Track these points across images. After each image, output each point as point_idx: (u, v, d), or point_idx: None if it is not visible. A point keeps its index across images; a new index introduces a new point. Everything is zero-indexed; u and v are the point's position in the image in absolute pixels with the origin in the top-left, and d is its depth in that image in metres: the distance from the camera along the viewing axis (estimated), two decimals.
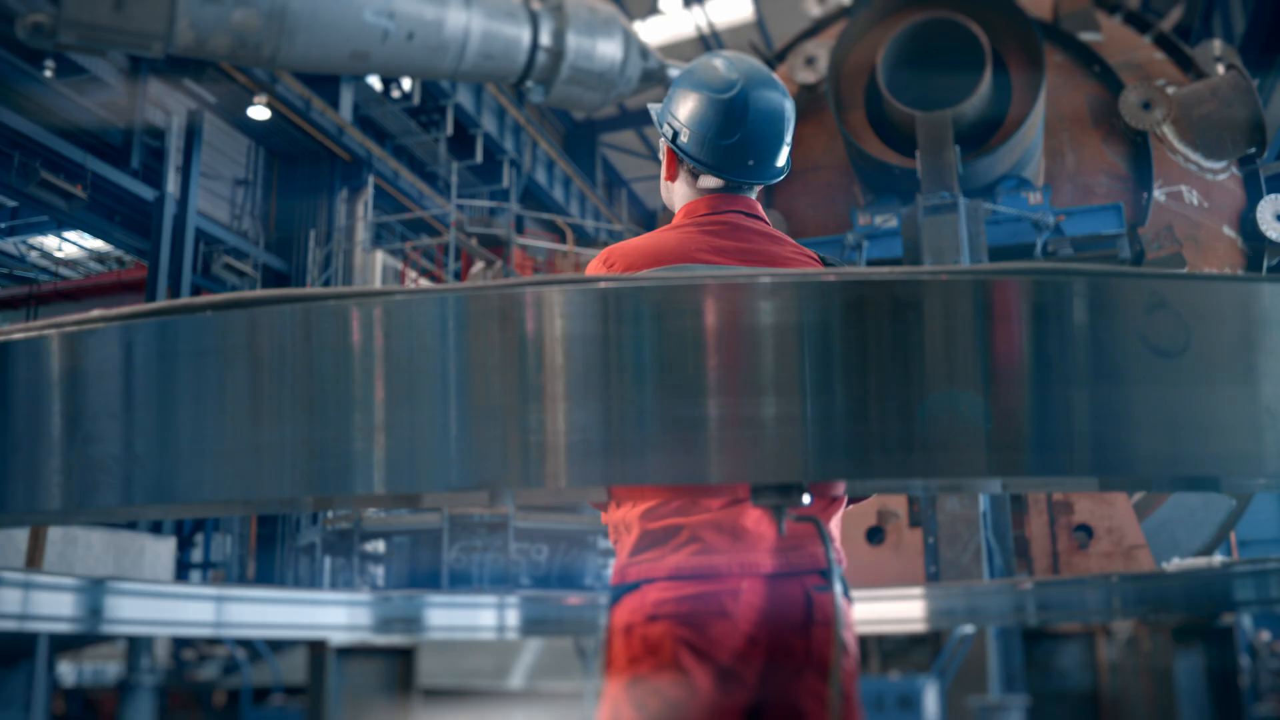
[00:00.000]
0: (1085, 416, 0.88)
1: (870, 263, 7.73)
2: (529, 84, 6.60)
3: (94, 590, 3.42)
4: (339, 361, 0.96)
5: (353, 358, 0.96)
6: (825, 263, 2.31)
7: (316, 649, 4.57)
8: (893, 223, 7.72)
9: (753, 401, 0.89)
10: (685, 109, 2.28)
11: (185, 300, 0.97)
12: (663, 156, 2.41)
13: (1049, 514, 6.75)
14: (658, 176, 2.45)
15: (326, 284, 18.56)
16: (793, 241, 2.32)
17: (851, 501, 2.15)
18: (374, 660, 4.79)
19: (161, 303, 0.98)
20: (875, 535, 6.76)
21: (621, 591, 1.88)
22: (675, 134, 2.30)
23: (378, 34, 5.69)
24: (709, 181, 2.29)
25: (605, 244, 25.69)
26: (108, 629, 3.72)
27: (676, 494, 1.67)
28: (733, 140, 2.23)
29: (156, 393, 0.97)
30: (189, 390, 0.97)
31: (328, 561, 15.06)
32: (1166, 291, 0.89)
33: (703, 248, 2.13)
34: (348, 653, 4.64)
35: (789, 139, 2.32)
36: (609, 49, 6.71)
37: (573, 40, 6.59)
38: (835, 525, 1.99)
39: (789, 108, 2.32)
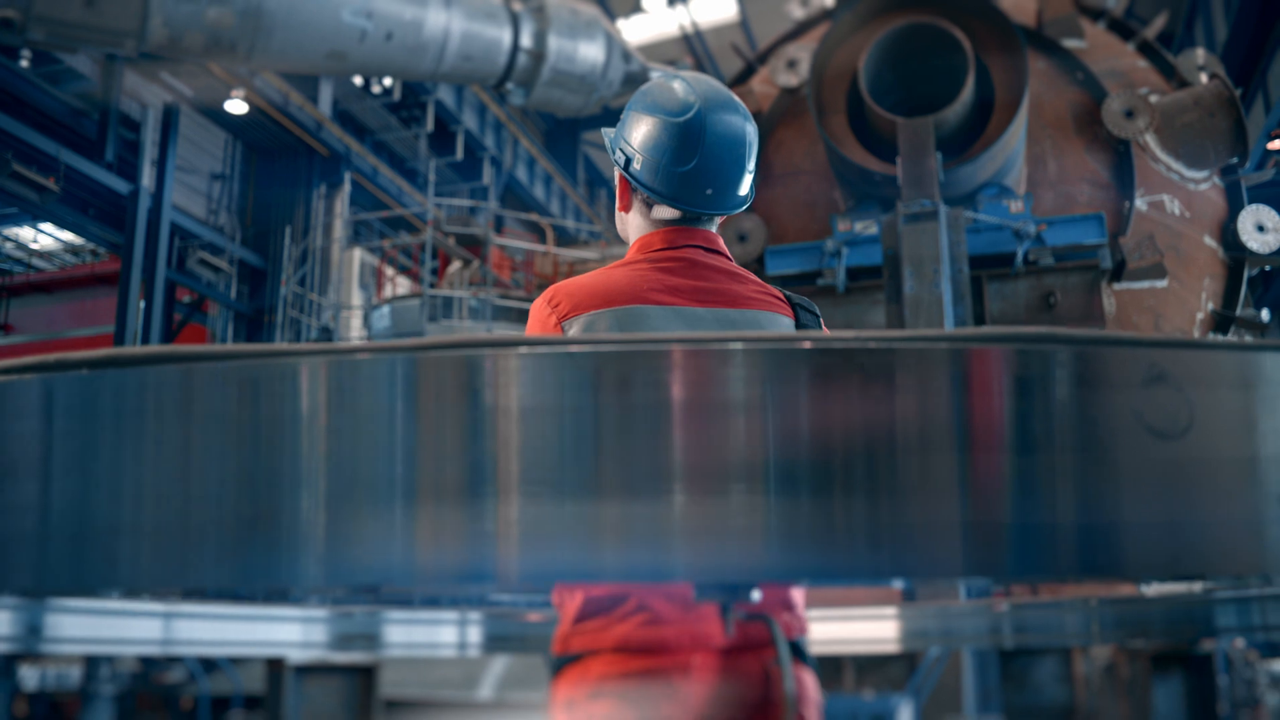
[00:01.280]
0: (1073, 508, 0.79)
1: (850, 270, 7.66)
2: (509, 86, 6.49)
3: (32, 608, 3.29)
4: (222, 434, 0.86)
5: (238, 430, 0.85)
6: (791, 302, 2.16)
7: (274, 666, 4.46)
8: (873, 229, 7.65)
9: (709, 490, 0.80)
10: (639, 134, 2.10)
11: (59, 356, 0.86)
12: (616, 185, 2.23)
13: None
14: None
15: (303, 281, 18.40)
16: (755, 278, 2.14)
17: None
18: (333, 679, 4.68)
19: (34, 358, 0.87)
20: None
21: (563, 662, 1.76)
22: (628, 160, 2.12)
23: (355, 34, 5.58)
24: (664, 212, 2.12)
25: (586, 243, 25.59)
26: (48, 649, 3.61)
27: None
28: (689, 167, 2.05)
29: (34, 460, 0.87)
30: (64, 460, 0.86)
31: None
32: (1167, 363, 0.79)
33: (656, 287, 1.97)
34: (306, 671, 4.54)
35: (751, 166, 2.12)
36: (591, 51, 6.60)
37: (554, 42, 6.48)
38: (798, 593, 1.87)
39: (750, 132, 2.12)
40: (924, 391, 0.80)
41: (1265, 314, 9.34)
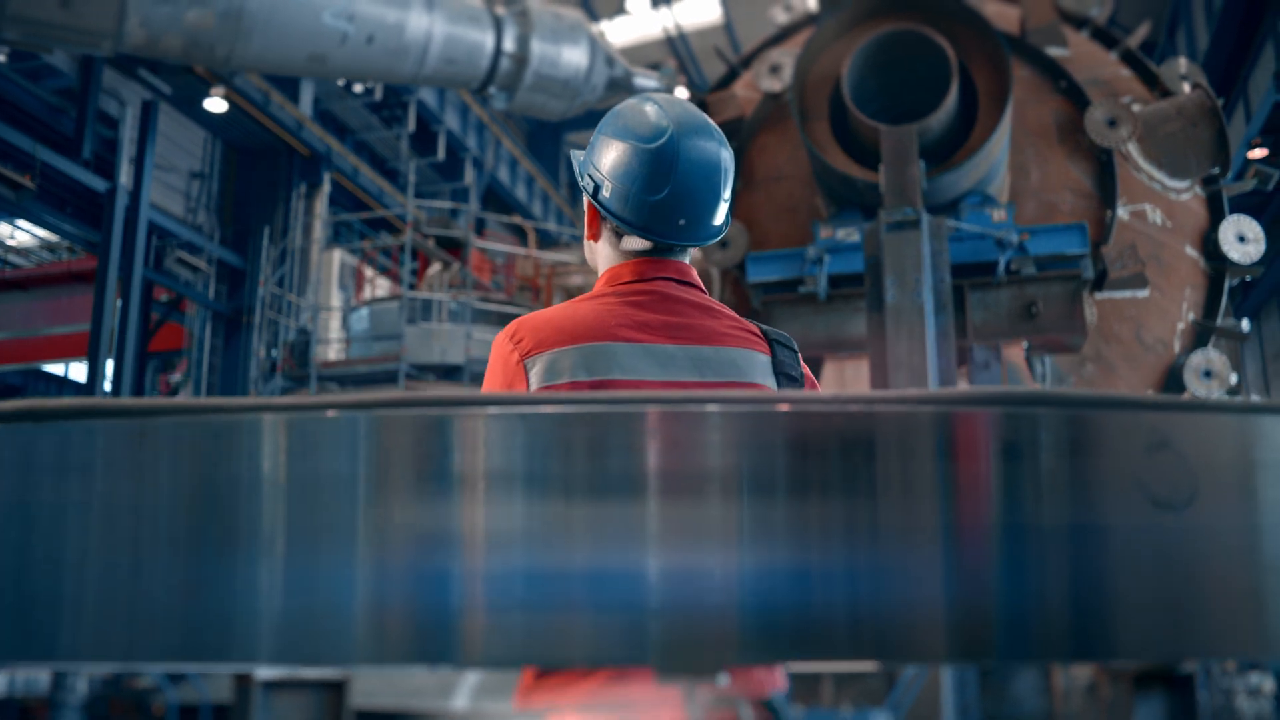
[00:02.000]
0: (1065, 586, 0.74)
1: (832, 278, 7.63)
2: (492, 90, 6.43)
3: None
4: (140, 498, 0.80)
5: (154, 494, 0.80)
6: (767, 337, 2.06)
7: (242, 681, 4.35)
8: (855, 237, 7.62)
9: (680, 567, 0.74)
10: (608, 159, 1.99)
11: None
12: (585, 212, 2.14)
13: None
14: None
15: (281, 282, 18.25)
16: (729, 312, 2.02)
17: None
18: (303, 693, 4.57)
19: None
20: None
21: None
22: (597, 188, 2.01)
23: (336, 37, 5.52)
24: (635, 243, 2.01)
25: (567, 245, 25.51)
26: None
27: None
28: (661, 196, 1.93)
29: None
30: None
31: None
32: (1170, 428, 0.74)
33: (625, 322, 1.85)
34: (275, 686, 4.42)
35: (727, 194, 2.02)
36: (574, 56, 6.54)
37: (537, 46, 6.43)
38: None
39: (726, 159, 2.02)
40: (906, 459, 0.75)
41: (1245, 324, 9.36)
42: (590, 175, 2.06)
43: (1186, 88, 9.27)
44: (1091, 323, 7.87)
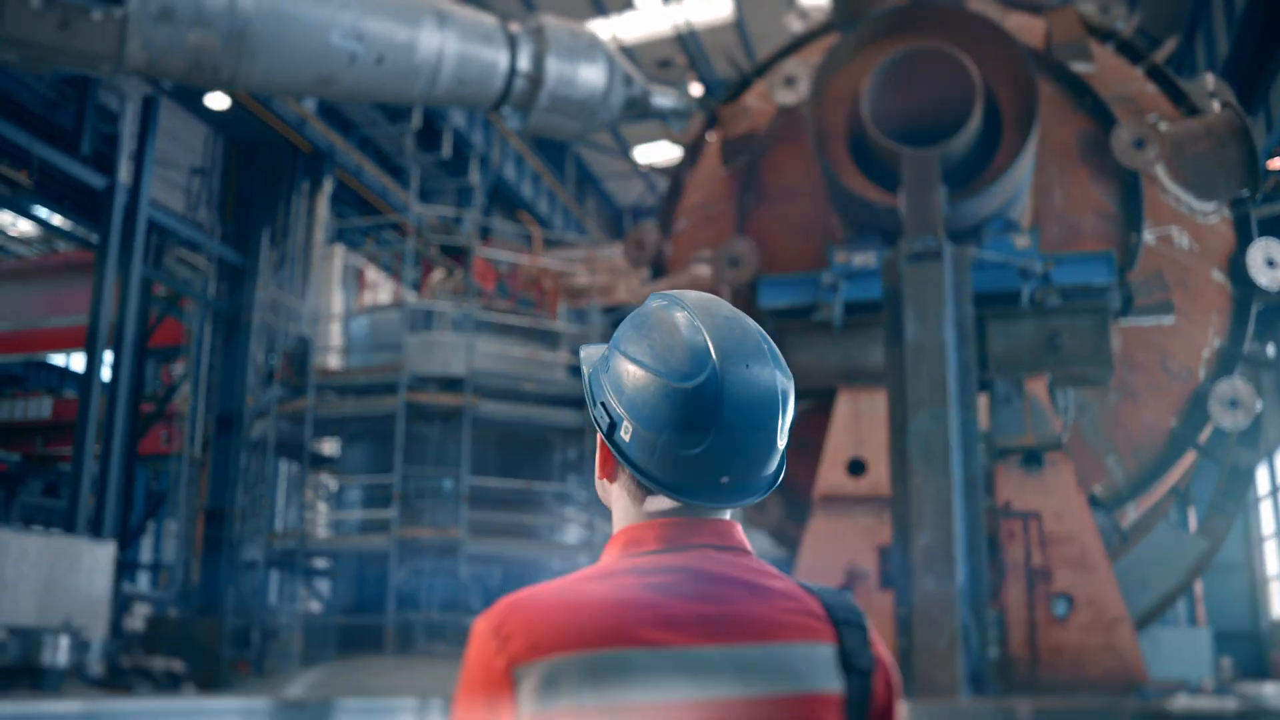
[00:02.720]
0: None
1: (848, 305, 7.40)
2: (506, 110, 6.20)
3: None
4: None
5: None
6: (834, 617, 1.48)
7: None
8: (872, 262, 7.39)
9: None
10: (627, 391, 1.49)
11: None
12: (597, 445, 1.59)
13: (1027, 581, 6.45)
14: (632, 174, 1.69)
15: (281, 286, 17.99)
16: (784, 582, 1.49)
17: None
18: None
19: None
20: None
21: None
22: (612, 425, 1.49)
23: (345, 57, 5.29)
24: (662, 503, 1.51)
25: (574, 244, 25.24)
26: None
27: None
28: (699, 450, 1.44)
29: None
30: None
31: (274, 575, 14.59)
32: None
33: (647, 617, 1.40)
34: None
35: (784, 437, 1.50)
36: (591, 75, 6.31)
37: (553, 65, 6.19)
38: None
39: (785, 389, 1.48)
40: None
41: (1270, 349, 9.14)
42: (603, 405, 1.52)
43: (1215, 105, 9.05)
44: (1115, 351, 7.65)
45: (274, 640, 13.63)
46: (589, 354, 1.61)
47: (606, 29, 30.97)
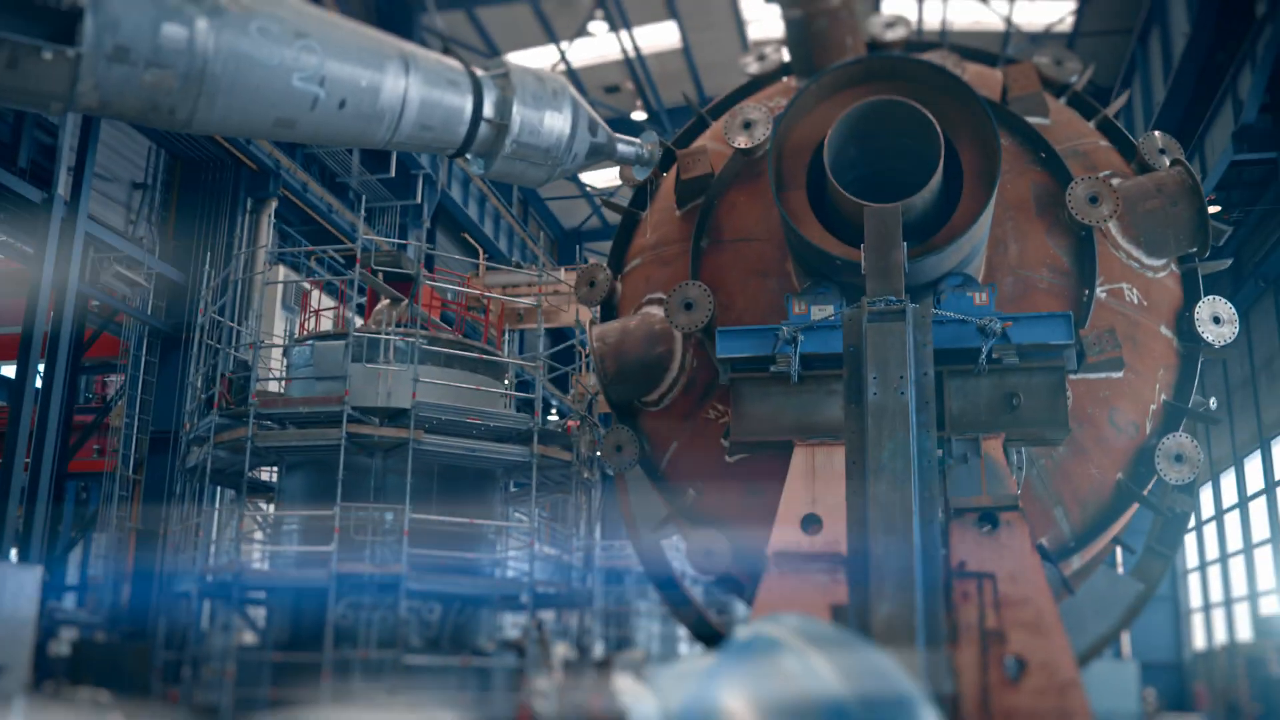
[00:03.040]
0: None
1: (805, 358, 7.35)
2: (468, 156, 6.10)
3: None
4: None
5: None
6: None
7: None
8: (830, 313, 7.35)
9: None
10: None
11: None
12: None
13: (981, 643, 6.42)
14: (574, 196, 1.71)
15: (222, 311, 17.63)
16: None
17: None
18: None
19: None
20: None
21: None
22: None
23: (306, 101, 5.16)
24: None
25: (519, 267, 25.12)
26: None
27: None
28: None
29: None
30: None
31: (206, 605, 14.24)
32: None
33: None
34: None
35: None
36: (557, 123, 6.21)
37: (518, 112, 6.09)
38: None
39: None
40: None
41: (1213, 402, 9.23)
42: None
43: (1165, 161, 9.14)
44: (1070, 408, 7.68)
45: (205, 671, 13.31)
46: None
47: (556, 55, 30.98)
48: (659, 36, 32.32)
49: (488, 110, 5.97)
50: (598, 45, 32.40)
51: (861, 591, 5.77)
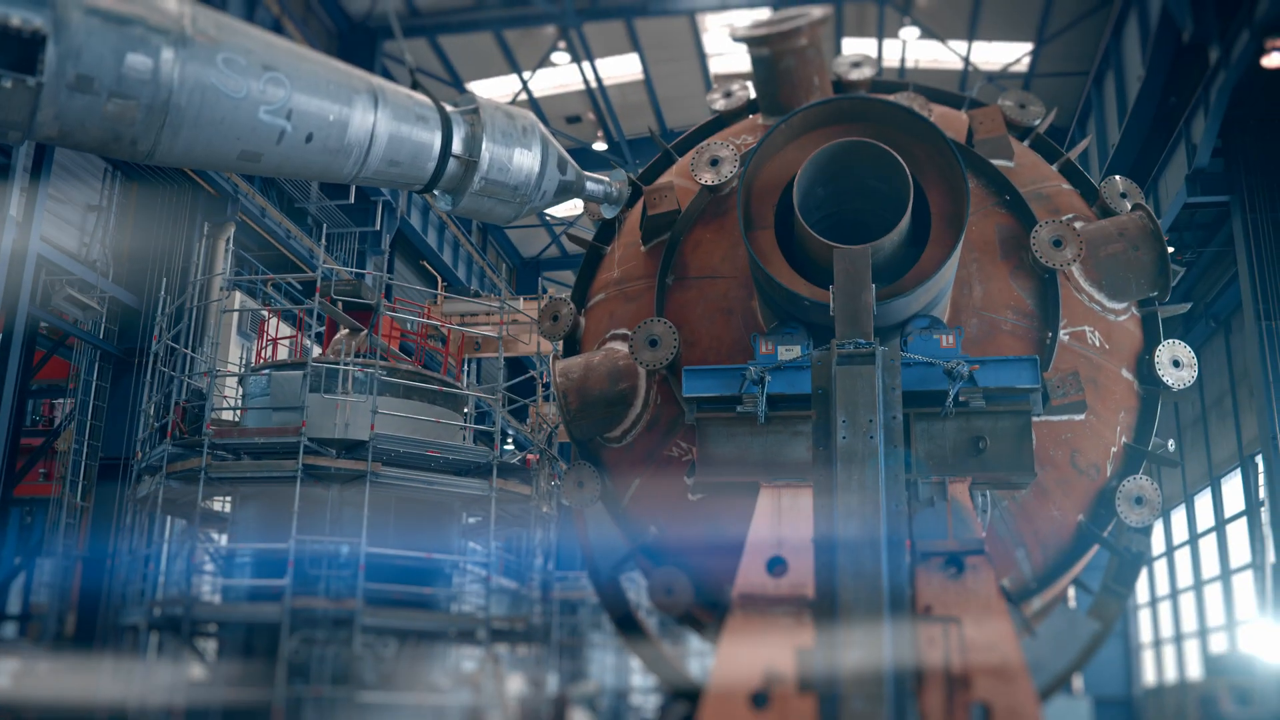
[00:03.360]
0: None
1: (771, 397, 7.31)
2: (436, 193, 6.02)
3: None
4: None
5: None
6: None
7: None
8: (797, 354, 7.32)
9: None
10: None
11: None
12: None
13: (947, 689, 6.36)
14: (533, 226, 1.76)
15: (177, 338, 17.38)
16: None
17: None
18: None
19: None
20: (760, 701, 6.31)
21: None
22: None
23: (273, 134, 5.06)
24: None
25: (477, 295, 25.02)
26: None
27: None
28: None
29: None
30: None
31: (154, 638, 13.94)
32: None
33: None
34: None
35: None
36: (526, 160, 6.15)
37: (488, 149, 6.02)
38: None
39: None
40: None
41: (1171, 444, 9.30)
42: None
43: (1127, 205, 9.23)
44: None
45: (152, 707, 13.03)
46: None
47: (518, 84, 30.98)
48: (621, 68, 32.49)
49: (457, 146, 5.90)
50: (560, 75, 32.52)
51: (829, 640, 5.71)
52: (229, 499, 14.63)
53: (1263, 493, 22.93)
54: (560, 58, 31.02)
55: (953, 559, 6.61)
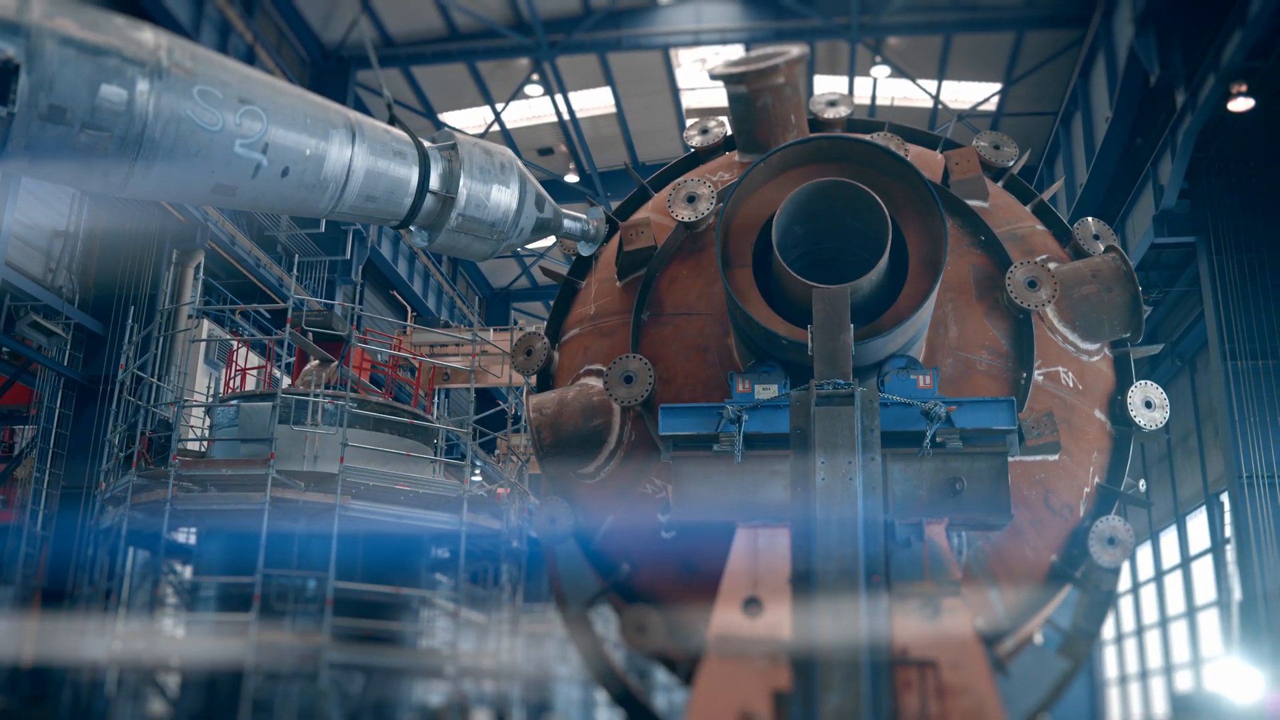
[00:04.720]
0: None
1: (748, 438, 7.27)
2: (412, 228, 5.96)
3: None
4: None
5: None
6: None
7: None
8: (774, 393, 7.29)
9: None
10: None
11: None
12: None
13: None
14: (504, 256, 1.71)
15: (143, 367, 17.18)
16: None
17: None
18: None
19: None
20: None
21: None
22: None
23: (249, 168, 5.00)
24: None
25: (447, 325, 24.92)
26: None
27: None
28: None
29: None
30: None
31: (115, 672, 13.69)
32: None
33: None
34: None
35: None
36: (504, 197, 6.10)
37: (465, 185, 5.97)
38: None
39: None
40: None
41: (1142, 484, 9.33)
42: None
43: (1100, 246, 9.28)
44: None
45: None
46: None
47: (490, 115, 31.01)
48: (594, 101, 32.59)
49: (434, 182, 5.85)
50: (532, 107, 32.59)
51: (807, 680, 5.65)
52: (194, 530, 14.44)
53: (1228, 530, 23.09)
54: (533, 90, 31.09)
55: (929, 601, 6.57)
